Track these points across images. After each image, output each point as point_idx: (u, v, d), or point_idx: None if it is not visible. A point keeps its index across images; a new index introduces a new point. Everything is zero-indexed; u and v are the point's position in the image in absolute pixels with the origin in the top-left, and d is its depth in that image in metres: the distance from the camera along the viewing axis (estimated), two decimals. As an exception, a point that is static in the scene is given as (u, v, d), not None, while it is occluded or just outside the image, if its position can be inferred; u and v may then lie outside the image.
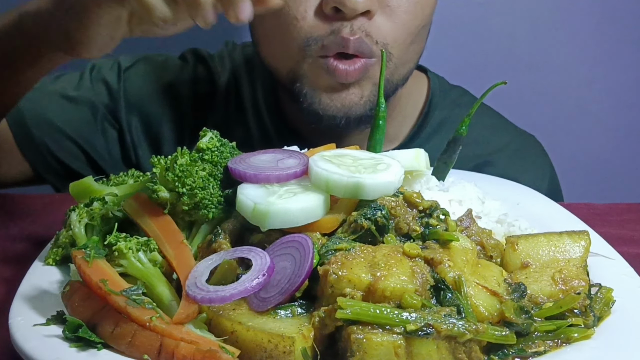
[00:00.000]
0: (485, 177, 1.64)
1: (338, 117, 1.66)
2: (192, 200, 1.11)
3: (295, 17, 1.61)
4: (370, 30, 1.59)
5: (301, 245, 1.00)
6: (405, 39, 1.65)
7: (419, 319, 0.91)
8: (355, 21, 1.58)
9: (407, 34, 1.64)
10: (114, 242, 1.06)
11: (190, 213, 1.13)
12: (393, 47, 1.64)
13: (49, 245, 1.23)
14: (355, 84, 1.65)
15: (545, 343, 0.98)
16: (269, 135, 1.94)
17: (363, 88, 1.65)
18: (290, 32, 1.63)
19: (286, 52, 1.68)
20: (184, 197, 1.11)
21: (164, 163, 1.14)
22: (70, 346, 0.94)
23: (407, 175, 1.29)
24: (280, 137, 1.90)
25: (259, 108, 1.98)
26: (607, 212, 1.71)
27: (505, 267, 1.12)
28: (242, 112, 1.99)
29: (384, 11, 1.61)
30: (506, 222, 1.30)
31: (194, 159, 1.14)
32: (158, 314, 0.96)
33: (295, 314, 0.97)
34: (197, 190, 1.11)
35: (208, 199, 1.12)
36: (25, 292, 1.08)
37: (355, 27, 1.58)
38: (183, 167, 1.12)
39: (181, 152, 1.14)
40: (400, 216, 1.07)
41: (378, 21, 1.61)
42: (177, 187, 1.11)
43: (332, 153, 1.15)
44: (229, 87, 2.03)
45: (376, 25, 1.60)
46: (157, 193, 1.12)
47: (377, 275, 0.94)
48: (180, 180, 1.11)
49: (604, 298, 1.06)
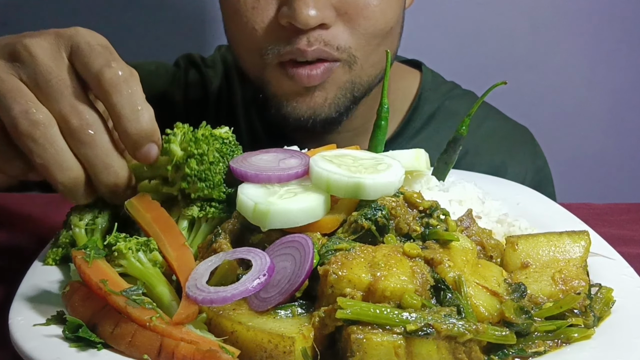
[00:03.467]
0: (485, 177, 1.64)
1: (304, 119, 1.68)
2: (199, 166, 1.11)
3: (253, 27, 1.62)
4: (328, 39, 1.60)
5: (301, 245, 1.00)
6: (369, 42, 1.65)
7: (419, 319, 0.91)
8: (312, 32, 1.58)
9: (370, 37, 1.64)
10: (114, 242, 1.06)
11: (191, 181, 1.12)
12: (357, 51, 1.64)
13: (49, 245, 1.23)
14: (319, 88, 1.66)
15: (545, 343, 0.98)
16: (259, 138, 1.96)
17: (327, 91, 1.67)
18: (249, 42, 1.65)
19: (249, 60, 1.71)
20: (193, 159, 1.11)
21: (187, 129, 1.15)
22: (70, 346, 0.94)
23: (407, 175, 1.29)
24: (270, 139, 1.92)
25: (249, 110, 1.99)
26: (607, 212, 1.71)
27: (505, 267, 1.12)
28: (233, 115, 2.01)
29: (342, 19, 1.61)
30: (506, 222, 1.30)
31: (214, 136, 1.15)
32: (158, 314, 0.95)
33: (295, 314, 0.97)
34: (206, 159, 1.12)
35: (211, 175, 1.12)
36: (25, 292, 1.08)
37: (312, 38, 1.58)
38: (203, 135, 1.13)
39: (204, 126, 1.15)
40: (401, 216, 1.07)
41: (336, 29, 1.61)
42: (191, 147, 1.12)
43: (332, 153, 1.15)
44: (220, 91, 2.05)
45: (334, 33, 1.60)
46: (170, 144, 1.13)
47: (377, 275, 0.94)
48: (197, 142, 1.12)
49: (604, 298, 1.06)
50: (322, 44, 1.59)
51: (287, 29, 1.58)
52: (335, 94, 1.67)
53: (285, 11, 1.56)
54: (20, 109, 1.04)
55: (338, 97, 1.68)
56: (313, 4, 1.53)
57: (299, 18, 1.53)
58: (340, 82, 1.67)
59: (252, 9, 1.61)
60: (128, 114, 1.06)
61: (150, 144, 1.10)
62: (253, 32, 1.63)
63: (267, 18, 1.61)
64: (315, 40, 1.58)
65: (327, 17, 1.57)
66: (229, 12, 1.68)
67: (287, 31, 1.59)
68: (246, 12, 1.62)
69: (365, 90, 1.73)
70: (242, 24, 1.64)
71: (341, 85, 1.67)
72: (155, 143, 1.10)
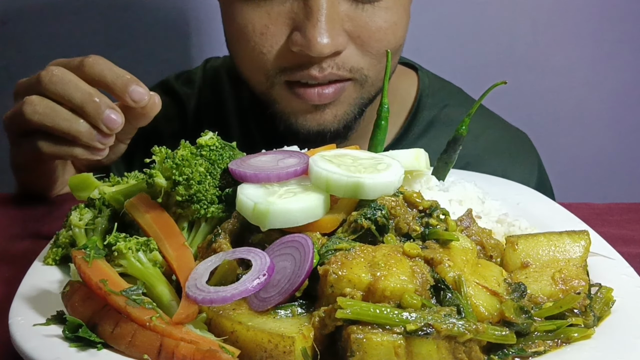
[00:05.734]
0: (485, 177, 1.64)
1: (313, 133, 1.67)
2: (187, 191, 1.11)
3: (261, 51, 1.59)
4: (341, 63, 1.58)
5: (301, 245, 1.00)
6: (380, 61, 1.64)
7: (419, 319, 0.91)
8: (325, 60, 1.55)
9: (382, 56, 1.62)
10: (114, 242, 1.06)
11: (183, 205, 1.13)
12: (369, 70, 1.64)
13: (49, 245, 1.23)
14: (330, 105, 1.64)
15: (545, 343, 0.98)
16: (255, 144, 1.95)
17: (337, 108, 1.66)
18: (256, 64, 1.62)
19: (254, 79, 1.68)
20: (180, 186, 1.11)
21: (165, 152, 1.15)
22: (70, 346, 0.94)
23: (407, 175, 1.29)
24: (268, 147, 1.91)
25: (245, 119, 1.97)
26: (607, 212, 1.71)
27: (505, 267, 1.12)
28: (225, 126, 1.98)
29: (354, 42, 1.59)
30: (506, 222, 1.30)
31: (194, 153, 1.15)
32: (158, 314, 0.95)
33: (295, 314, 0.97)
34: (193, 182, 1.12)
35: (202, 194, 1.12)
36: (25, 292, 1.08)
37: (325, 65, 1.56)
38: (183, 157, 1.13)
39: (183, 145, 1.15)
40: (400, 216, 1.07)
41: (348, 52, 1.59)
42: (174, 175, 1.12)
43: (332, 153, 1.15)
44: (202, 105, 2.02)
45: (346, 56, 1.59)
46: (154, 178, 1.13)
47: (377, 275, 0.94)
48: (179, 168, 1.12)
49: (604, 298, 1.06)
50: (334, 69, 1.57)
51: (299, 56, 1.56)
52: (344, 110, 1.67)
53: (298, 39, 1.53)
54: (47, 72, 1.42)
55: (347, 113, 1.68)
56: (327, 33, 1.50)
57: (314, 49, 1.50)
58: (351, 99, 1.67)
59: (261, 35, 1.58)
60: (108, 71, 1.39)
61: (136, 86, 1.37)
62: (260, 56, 1.60)
63: (277, 44, 1.57)
64: (327, 67, 1.56)
65: (340, 44, 1.55)
66: (235, 34, 1.64)
67: (298, 58, 1.56)
68: (254, 36, 1.58)
69: (371, 99, 1.73)
70: (249, 48, 1.60)
71: (352, 101, 1.67)
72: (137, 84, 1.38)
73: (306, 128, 1.67)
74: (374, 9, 1.59)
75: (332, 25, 1.51)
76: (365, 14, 1.58)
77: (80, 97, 1.37)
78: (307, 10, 1.51)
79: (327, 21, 1.50)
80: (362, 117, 1.74)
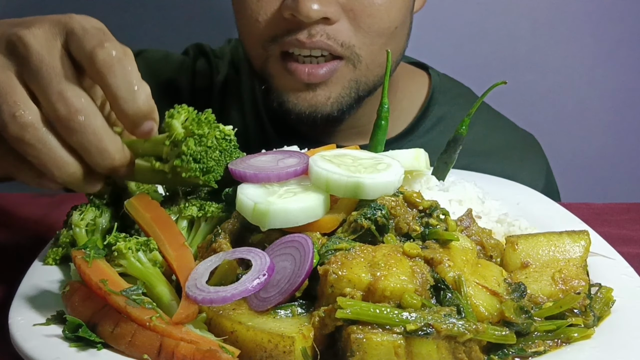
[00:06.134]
0: (485, 177, 1.64)
1: (305, 115, 1.69)
2: (196, 147, 1.09)
3: (257, 19, 1.65)
4: (331, 34, 1.61)
5: (301, 245, 1.00)
6: (373, 41, 1.66)
7: (419, 319, 0.91)
8: (314, 26, 1.60)
9: (375, 36, 1.65)
10: (114, 242, 1.06)
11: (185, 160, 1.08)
12: (361, 49, 1.65)
13: (49, 245, 1.23)
14: (322, 85, 1.67)
15: (545, 343, 0.98)
16: (266, 130, 1.97)
17: (331, 89, 1.68)
18: (253, 33, 1.67)
19: (253, 52, 1.73)
20: (191, 139, 1.09)
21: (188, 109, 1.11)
22: (70, 346, 0.94)
23: (407, 175, 1.29)
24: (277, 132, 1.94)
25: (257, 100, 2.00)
26: (607, 212, 1.71)
27: (505, 267, 1.12)
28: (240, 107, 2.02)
29: (347, 15, 1.63)
30: (506, 222, 1.30)
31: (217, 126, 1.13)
32: (158, 314, 0.96)
33: (295, 314, 0.97)
34: (204, 142, 1.10)
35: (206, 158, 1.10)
36: (25, 292, 1.08)
37: (314, 31, 1.60)
38: (206, 119, 1.11)
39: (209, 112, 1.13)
40: (400, 216, 1.07)
41: (340, 25, 1.62)
42: (192, 126, 1.09)
43: (332, 153, 1.15)
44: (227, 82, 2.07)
45: (338, 29, 1.62)
46: (172, 120, 1.09)
47: (377, 275, 0.94)
48: (199, 124, 1.10)
49: (604, 298, 1.06)
50: (324, 37, 1.60)
51: (290, 22, 1.60)
52: (339, 93, 1.68)
53: (289, 3, 1.58)
54: (8, 111, 1.02)
55: (342, 96, 1.69)
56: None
57: (301, 10, 1.55)
58: (344, 80, 1.67)
59: (257, 1, 1.64)
60: (124, 94, 1.03)
61: (148, 122, 1.07)
62: (256, 24, 1.65)
63: (271, 10, 1.63)
64: (317, 33, 1.60)
65: (331, 12, 1.58)
66: (237, 4, 1.71)
67: (290, 23, 1.60)
68: (252, 4, 1.65)
69: (370, 89, 1.74)
70: (247, 16, 1.66)
71: (345, 84, 1.68)
72: (152, 120, 1.08)
73: (298, 108, 1.69)
74: None
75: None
76: None
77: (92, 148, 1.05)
78: None
79: None
80: (359, 106, 1.75)
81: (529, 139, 2.07)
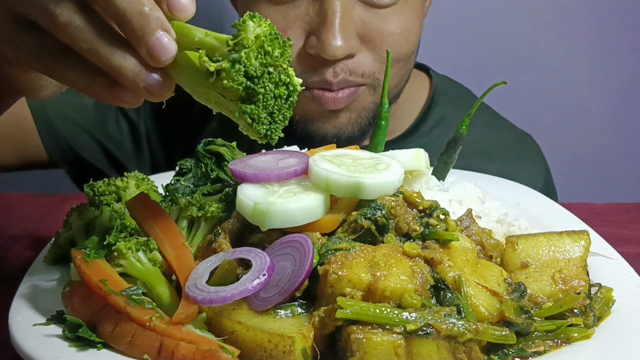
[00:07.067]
0: (485, 177, 1.64)
1: (328, 137, 1.72)
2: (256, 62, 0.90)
3: None
4: (353, 68, 1.64)
5: (301, 245, 1.00)
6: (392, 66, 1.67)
7: (419, 319, 0.91)
8: (338, 63, 1.62)
9: (394, 62, 1.67)
10: (114, 242, 1.06)
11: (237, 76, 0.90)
12: (380, 74, 1.67)
13: (49, 245, 1.23)
14: (344, 109, 1.70)
15: (545, 343, 0.98)
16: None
17: (352, 112, 1.72)
18: None
19: None
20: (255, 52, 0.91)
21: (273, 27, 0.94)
22: (70, 346, 0.94)
23: (407, 175, 1.29)
24: None
25: None
26: (607, 212, 1.71)
27: (505, 267, 1.12)
28: None
29: (367, 46, 1.65)
30: (506, 222, 1.30)
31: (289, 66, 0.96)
32: (158, 313, 0.96)
33: (295, 314, 0.97)
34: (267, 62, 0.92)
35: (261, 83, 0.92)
36: (25, 292, 1.08)
37: (338, 69, 1.62)
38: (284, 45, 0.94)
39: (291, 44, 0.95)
40: (400, 216, 1.07)
41: (361, 56, 1.65)
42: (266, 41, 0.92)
43: (332, 153, 1.15)
44: None
45: (359, 60, 1.64)
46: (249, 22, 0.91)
47: (377, 275, 0.94)
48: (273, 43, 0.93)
49: (604, 298, 1.06)
50: (347, 74, 1.63)
51: (315, 58, 1.62)
52: (358, 114, 1.72)
53: (314, 42, 1.60)
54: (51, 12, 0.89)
55: (361, 117, 1.73)
56: (340, 36, 1.56)
57: (328, 51, 1.57)
58: (365, 103, 1.71)
59: None
60: None
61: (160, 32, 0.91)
62: None
63: (295, 48, 1.63)
64: (341, 71, 1.62)
65: (353, 47, 1.61)
66: None
67: (315, 60, 1.62)
68: None
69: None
70: None
71: (365, 106, 1.72)
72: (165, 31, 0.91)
73: (322, 131, 1.72)
74: (387, 13, 1.64)
75: (346, 28, 1.58)
76: (378, 19, 1.64)
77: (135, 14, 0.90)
78: (322, 14, 1.58)
79: (340, 24, 1.57)
80: None
81: (528, 140, 2.09)
